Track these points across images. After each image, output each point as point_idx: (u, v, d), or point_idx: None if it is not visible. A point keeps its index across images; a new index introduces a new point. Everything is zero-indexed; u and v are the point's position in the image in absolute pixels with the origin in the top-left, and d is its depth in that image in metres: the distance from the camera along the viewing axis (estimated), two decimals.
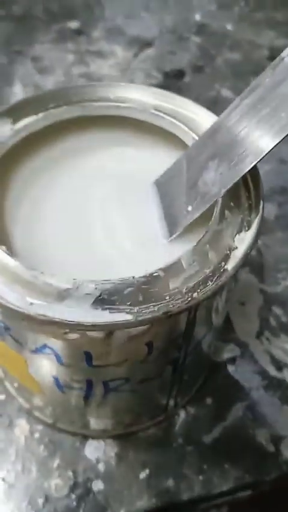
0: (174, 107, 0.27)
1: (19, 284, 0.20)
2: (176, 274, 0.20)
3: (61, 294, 0.19)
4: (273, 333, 0.36)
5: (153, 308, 0.19)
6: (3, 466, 0.32)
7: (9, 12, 0.67)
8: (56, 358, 0.22)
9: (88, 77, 0.58)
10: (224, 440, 0.32)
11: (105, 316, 0.19)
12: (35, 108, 0.27)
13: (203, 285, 0.20)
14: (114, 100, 0.28)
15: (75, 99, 0.28)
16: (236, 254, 0.21)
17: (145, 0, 0.70)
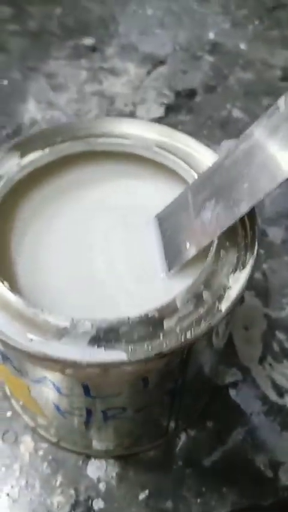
0: (176, 144, 0.29)
1: (20, 320, 0.21)
2: (171, 314, 0.21)
3: (59, 332, 0.21)
4: (275, 359, 0.37)
5: (147, 347, 0.20)
6: (7, 481, 0.33)
7: (25, 28, 0.69)
8: (55, 388, 0.23)
9: (100, 95, 0.59)
10: (223, 464, 0.33)
11: (101, 354, 0.20)
12: (41, 143, 0.29)
13: (196, 324, 0.21)
14: (118, 136, 0.29)
15: (80, 134, 0.30)
16: (230, 294, 0.22)
17: (160, 16, 0.72)
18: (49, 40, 0.67)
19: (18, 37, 0.67)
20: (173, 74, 0.63)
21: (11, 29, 0.68)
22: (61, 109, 0.57)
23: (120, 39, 0.67)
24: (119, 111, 0.57)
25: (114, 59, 0.64)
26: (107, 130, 0.30)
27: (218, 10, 0.73)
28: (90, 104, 0.58)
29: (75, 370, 0.21)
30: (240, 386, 0.36)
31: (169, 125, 0.54)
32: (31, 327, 0.21)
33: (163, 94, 0.60)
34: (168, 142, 0.29)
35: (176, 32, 0.69)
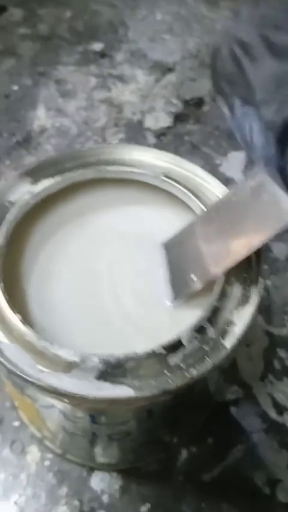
0: (184, 173, 0.30)
1: (32, 352, 0.22)
2: (176, 350, 0.22)
3: (69, 365, 0.22)
4: (276, 376, 0.39)
5: (153, 383, 0.21)
6: (15, 490, 0.34)
7: (35, 32, 0.70)
8: (62, 414, 0.25)
9: (109, 103, 0.60)
10: (222, 480, 0.34)
11: (108, 390, 0.21)
12: (52, 170, 0.30)
13: (201, 361, 0.22)
14: (127, 164, 0.30)
15: (91, 161, 0.31)
16: (234, 330, 0.23)
17: (169, 21, 0.72)
18: (59, 44, 0.68)
19: (28, 41, 0.68)
20: (181, 82, 0.63)
21: (22, 33, 0.69)
22: (70, 116, 0.58)
23: (129, 44, 0.68)
24: (127, 120, 0.58)
25: (123, 65, 0.65)
26: (117, 157, 0.31)
27: (228, 15, 0.74)
28: (98, 112, 0.59)
29: (82, 404, 0.22)
30: (240, 404, 0.37)
31: (176, 134, 0.56)
32: (42, 359, 0.22)
33: (171, 103, 0.61)
34: (176, 171, 0.30)
35: (184, 38, 0.70)
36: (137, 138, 0.56)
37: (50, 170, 0.30)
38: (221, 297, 0.24)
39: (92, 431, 0.26)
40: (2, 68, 0.64)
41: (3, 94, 0.60)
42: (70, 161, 0.30)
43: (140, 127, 0.58)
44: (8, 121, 0.57)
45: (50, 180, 0.29)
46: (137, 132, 0.57)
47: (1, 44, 0.67)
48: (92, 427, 0.26)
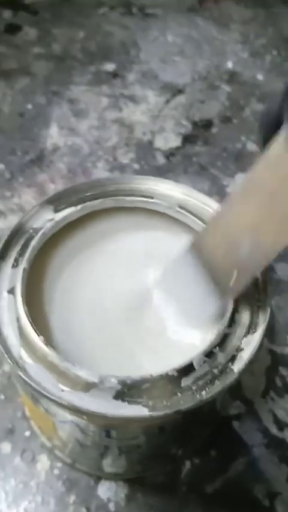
0: (197, 204, 0.32)
1: (54, 372, 0.24)
2: (188, 373, 0.24)
3: (88, 385, 0.24)
4: (277, 393, 0.41)
5: (166, 403, 0.23)
6: (25, 497, 0.36)
7: (49, 51, 0.73)
8: (79, 429, 0.27)
9: (120, 123, 0.63)
10: (224, 492, 0.36)
11: (125, 409, 0.23)
12: (74, 199, 0.32)
13: (211, 384, 0.24)
14: (144, 194, 0.32)
15: (110, 190, 0.33)
16: (242, 356, 0.25)
17: (180, 43, 0.75)
18: (72, 64, 0.71)
19: (43, 60, 0.71)
20: (190, 104, 0.66)
21: (36, 52, 0.72)
22: (82, 135, 0.61)
23: (141, 65, 0.71)
24: (138, 140, 0.61)
25: (134, 85, 0.68)
26: (134, 187, 0.33)
27: (238, 38, 0.77)
28: (110, 132, 0.62)
29: (100, 421, 0.24)
30: (243, 419, 0.39)
31: (185, 155, 0.58)
32: (63, 379, 0.24)
33: (181, 124, 0.63)
34: (189, 202, 0.32)
35: (195, 60, 0.72)
36: (147, 157, 0.59)
37: (71, 199, 0.32)
38: (231, 324, 0.26)
39: (104, 444, 0.29)
40: (16, 86, 0.67)
41: (17, 112, 0.63)
42: (90, 190, 0.33)
43: (150, 147, 0.60)
44: (22, 139, 0.60)
45: (71, 209, 0.32)
46: (147, 151, 0.60)
47: (16, 62, 0.70)
48: (105, 440, 0.28)
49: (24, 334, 0.26)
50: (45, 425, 0.32)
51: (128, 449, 0.29)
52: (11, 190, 0.55)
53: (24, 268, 0.28)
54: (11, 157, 0.58)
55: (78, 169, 0.57)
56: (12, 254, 0.30)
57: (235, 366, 0.25)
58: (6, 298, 0.28)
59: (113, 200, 0.32)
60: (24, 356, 0.25)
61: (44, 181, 0.56)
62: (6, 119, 0.62)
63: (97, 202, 0.32)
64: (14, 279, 0.29)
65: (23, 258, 0.29)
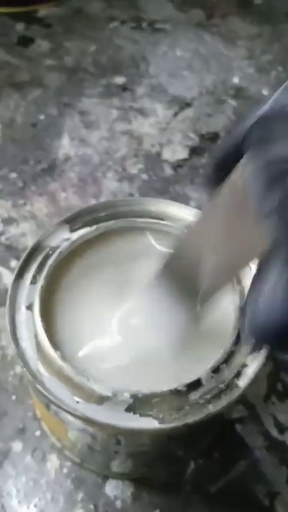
0: None
1: (69, 385, 0.26)
2: (196, 388, 0.26)
3: (102, 399, 0.26)
4: (279, 398, 0.42)
5: (175, 416, 0.25)
6: (36, 494, 0.38)
7: (61, 63, 0.75)
8: (91, 436, 0.29)
9: (130, 135, 0.65)
10: (226, 492, 0.38)
11: (135, 421, 0.25)
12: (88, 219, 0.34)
13: (217, 398, 0.26)
14: (154, 216, 0.34)
15: (123, 211, 0.35)
16: (247, 372, 0.27)
17: (188, 58, 0.77)
18: (83, 77, 0.73)
19: (55, 72, 0.73)
20: (198, 117, 0.68)
21: (48, 64, 0.75)
22: (93, 146, 0.63)
23: (150, 79, 0.73)
24: (146, 151, 0.63)
25: (143, 99, 0.70)
26: (145, 209, 0.35)
27: (244, 54, 0.79)
28: (119, 143, 0.64)
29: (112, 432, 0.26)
30: (245, 422, 0.41)
31: (192, 167, 0.60)
32: (78, 391, 0.26)
33: (188, 136, 0.65)
34: None
35: (202, 75, 0.75)
36: (155, 169, 0.61)
37: (86, 218, 0.34)
38: (237, 342, 0.28)
39: (114, 450, 0.30)
40: (29, 97, 0.69)
41: (30, 123, 0.65)
42: (103, 211, 0.35)
43: (158, 158, 0.62)
44: (35, 149, 0.62)
45: (86, 229, 0.33)
46: (155, 163, 0.62)
47: (29, 74, 0.73)
48: (115, 447, 0.30)
49: (41, 348, 0.28)
50: (56, 428, 0.34)
51: (136, 454, 0.31)
52: (24, 198, 0.57)
53: (41, 286, 0.30)
54: (24, 167, 0.60)
55: (89, 179, 0.59)
56: (30, 271, 0.32)
57: (240, 381, 0.27)
58: (24, 313, 0.30)
59: (125, 221, 0.34)
60: (41, 369, 0.27)
61: (55, 190, 0.58)
62: (19, 129, 0.64)
63: (111, 223, 0.34)
64: (32, 295, 0.30)
65: (40, 276, 0.31)
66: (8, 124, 0.65)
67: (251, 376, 0.27)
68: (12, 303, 0.30)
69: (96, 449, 0.32)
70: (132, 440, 0.29)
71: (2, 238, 0.52)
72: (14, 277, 0.31)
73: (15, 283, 0.31)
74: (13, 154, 0.61)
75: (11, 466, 0.39)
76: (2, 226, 0.53)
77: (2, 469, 0.39)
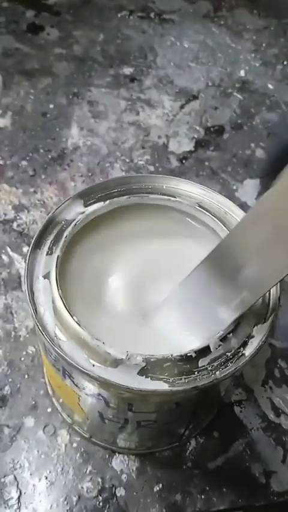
0: (215, 203, 0.36)
1: (86, 349, 0.28)
2: (205, 355, 0.29)
3: (116, 361, 0.28)
4: (276, 383, 0.45)
5: (184, 380, 0.28)
6: (46, 467, 0.41)
7: (70, 52, 0.77)
8: (104, 401, 0.31)
9: (137, 126, 0.67)
10: (224, 469, 0.41)
11: (148, 384, 0.27)
12: (102, 195, 0.36)
13: (225, 365, 0.28)
14: (166, 193, 0.36)
15: (135, 188, 0.37)
16: (253, 342, 0.30)
17: (195, 50, 0.79)
18: (92, 66, 0.75)
19: (64, 61, 0.75)
20: (204, 110, 0.70)
21: (58, 52, 0.76)
22: (101, 136, 0.65)
23: (157, 70, 0.75)
24: (153, 143, 0.65)
25: (151, 90, 0.72)
26: (157, 186, 0.37)
27: (250, 47, 0.81)
28: (127, 134, 0.66)
29: (125, 393, 0.28)
30: (244, 405, 0.44)
31: (197, 159, 0.63)
32: (94, 355, 0.28)
33: (194, 129, 0.68)
34: (209, 201, 0.36)
35: (209, 67, 0.76)
36: (161, 160, 0.63)
37: (99, 194, 0.36)
38: (244, 314, 0.30)
39: (125, 418, 0.33)
40: (39, 86, 0.71)
41: (40, 112, 0.67)
42: (116, 187, 0.37)
43: (164, 150, 0.65)
44: (45, 138, 0.64)
45: (99, 204, 0.35)
46: (161, 154, 0.64)
47: (38, 62, 0.74)
48: (126, 413, 0.32)
49: (58, 314, 0.30)
50: (70, 400, 0.37)
51: (145, 423, 0.33)
52: (34, 186, 0.59)
53: (58, 256, 0.32)
54: (34, 155, 0.62)
55: (97, 169, 0.61)
56: (46, 243, 0.34)
57: (246, 351, 0.29)
58: (42, 282, 0.32)
59: (137, 197, 0.36)
60: (58, 334, 0.29)
61: (64, 179, 0.60)
62: (29, 118, 0.66)
63: (123, 198, 0.36)
64: (49, 265, 0.32)
65: (56, 247, 0.33)
66: (18, 112, 0.67)
67: (256, 346, 0.29)
68: (30, 272, 0.32)
69: (108, 417, 0.34)
70: (143, 405, 0.31)
71: (14, 224, 0.55)
72: (30, 249, 0.33)
73: (33, 254, 0.33)
74: (23, 142, 0.63)
75: (23, 441, 0.42)
76: (13, 213, 0.56)
77: (15, 443, 0.41)
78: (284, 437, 0.43)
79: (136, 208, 0.37)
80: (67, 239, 0.34)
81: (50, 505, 0.39)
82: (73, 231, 0.34)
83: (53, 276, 0.32)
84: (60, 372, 0.33)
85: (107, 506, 0.40)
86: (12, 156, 0.62)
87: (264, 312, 0.31)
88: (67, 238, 0.34)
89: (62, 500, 0.40)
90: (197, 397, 0.31)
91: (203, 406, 0.36)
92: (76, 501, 0.40)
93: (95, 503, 0.40)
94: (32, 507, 0.39)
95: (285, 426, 0.43)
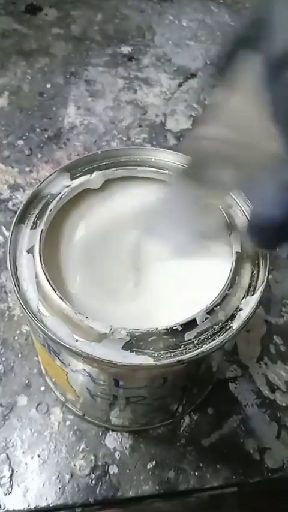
0: None
1: (69, 324, 0.27)
2: (191, 328, 0.27)
3: (100, 336, 0.26)
4: (271, 359, 0.43)
5: (170, 354, 0.26)
6: (39, 445, 0.39)
7: (68, 32, 0.74)
8: (90, 378, 0.29)
9: (135, 104, 0.64)
10: (218, 445, 0.39)
11: (132, 358, 0.26)
12: (89, 168, 0.34)
13: (211, 338, 0.27)
14: (153, 165, 0.34)
15: (122, 161, 0.35)
16: (241, 315, 0.28)
17: (194, 28, 0.76)
18: (89, 46, 0.72)
19: (61, 41, 0.72)
20: (201, 88, 0.67)
21: (56, 32, 0.73)
22: (98, 115, 0.63)
23: (155, 49, 0.72)
24: (151, 121, 0.63)
25: (149, 68, 0.69)
26: (145, 159, 0.35)
27: None
28: (124, 113, 0.63)
29: (110, 368, 0.27)
30: (238, 381, 0.42)
31: None
32: (77, 330, 0.27)
33: (192, 106, 0.65)
34: None
35: (208, 45, 0.73)
36: (158, 138, 0.61)
37: (86, 167, 0.34)
38: (231, 286, 0.28)
39: (113, 394, 0.31)
40: (36, 66, 0.69)
41: (37, 91, 0.65)
42: (104, 160, 0.35)
43: (162, 128, 0.62)
44: (41, 117, 0.62)
45: (86, 177, 0.33)
46: (158, 132, 0.61)
47: (36, 42, 0.72)
48: (114, 390, 0.30)
49: (41, 289, 0.28)
50: (59, 378, 0.35)
51: (134, 399, 0.31)
52: (30, 165, 0.57)
53: (42, 230, 0.30)
54: (31, 135, 0.60)
55: (94, 148, 0.59)
56: (31, 217, 0.32)
57: (234, 324, 0.27)
58: (25, 256, 0.30)
59: (125, 170, 0.34)
60: (42, 309, 0.28)
61: (60, 158, 0.58)
62: (26, 98, 0.64)
63: (110, 171, 0.34)
64: (33, 239, 0.31)
65: (41, 221, 0.31)
66: (15, 92, 0.64)
67: (244, 319, 0.27)
68: (13, 247, 0.31)
69: (97, 394, 0.32)
70: (130, 381, 0.29)
71: (9, 204, 0.53)
72: (14, 223, 0.31)
73: (16, 228, 0.31)
74: (20, 122, 0.61)
75: (16, 419, 0.40)
76: (9, 193, 0.54)
77: (8, 422, 0.40)
78: (278, 413, 0.41)
79: (124, 181, 0.35)
80: (52, 213, 0.32)
81: (42, 483, 0.38)
82: (58, 205, 0.33)
83: (37, 250, 0.30)
84: (46, 349, 0.31)
85: (100, 483, 0.38)
86: (8, 135, 0.60)
87: (253, 284, 0.29)
88: (52, 212, 0.32)
89: (54, 479, 0.38)
90: (185, 372, 0.29)
91: (194, 382, 0.34)
92: (68, 479, 0.38)
93: (87, 481, 0.38)
94: (24, 485, 0.37)
95: (280, 402, 0.41)
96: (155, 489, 0.38)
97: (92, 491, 0.38)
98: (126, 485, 0.38)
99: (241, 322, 0.27)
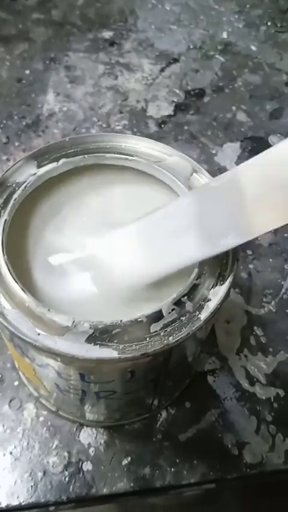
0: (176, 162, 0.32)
1: (31, 317, 0.25)
2: (157, 320, 0.25)
3: (62, 329, 0.24)
4: (251, 351, 0.41)
5: (135, 347, 0.24)
6: (11, 442, 0.38)
7: (48, 17, 0.71)
8: (56, 373, 0.28)
9: (115, 90, 0.62)
10: (196, 440, 0.38)
11: (96, 351, 0.24)
12: (56, 155, 0.32)
13: (178, 330, 0.25)
14: (124, 152, 0.32)
15: (91, 148, 0.33)
16: (209, 305, 0.26)
17: (177, 12, 0.73)
18: (70, 31, 0.69)
19: (41, 26, 0.70)
20: (184, 73, 0.65)
21: (35, 17, 0.71)
22: (77, 102, 0.60)
23: (138, 34, 0.69)
24: (131, 107, 0.60)
25: (130, 53, 0.67)
26: (115, 145, 0.33)
27: (234, 8, 0.75)
28: (104, 99, 0.61)
29: (73, 363, 0.25)
30: (217, 374, 0.40)
31: (176, 123, 0.58)
32: (39, 324, 0.25)
33: (174, 92, 0.62)
34: (167, 160, 0.32)
35: (191, 30, 0.71)
36: (139, 125, 0.58)
37: (54, 154, 0.32)
38: (200, 276, 0.26)
39: (82, 389, 0.29)
40: (15, 52, 0.66)
41: (15, 78, 0.62)
42: (72, 147, 0.32)
43: (143, 114, 0.60)
44: (19, 104, 0.59)
45: (53, 164, 0.31)
46: (139, 119, 0.59)
47: (15, 28, 0.69)
48: (82, 384, 0.28)
49: (4, 281, 0.26)
50: (29, 374, 0.33)
51: (104, 394, 0.30)
52: (7, 154, 0.54)
53: (5, 220, 0.28)
54: (8, 122, 0.57)
55: (73, 135, 0.57)
56: None
57: (202, 315, 0.25)
58: None
59: (93, 157, 0.32)
60: (3, 302, 0.26)
61: (38, 146, 0.55)
62: (4, 84, 0.61)
63: (78, 158, 0.32)
64: None
65: (5, 211, 0.29)
66: None
67: (212, 310, 0.25)
68: None
69: (66, 389, 0.31)
70: (97, 375, 0.27)
71: None
72: None
73: None
74: None
75: None
76: None
77: None
78: (258, 406, 0.39)
79: (92, 168, 0.33)
80: (16, 202, 0.30)
81: (14, 480, 0.36)
82: (23, 194, 0.30)
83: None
84: (12, 344, 0.29)
85: (73, 481, 0.36)
86: None
87: (223, 273, 0.27)
88: (16, 201, 0.30)
89: (26, 476, 0.36)
90: (153, 365, 0.28)
91: (167, 375, 0.32)
92: (41, 476, 0.36)
93: (60, 479, 0.36)
94: None
95: (260, 395, 0.39)
96: (129, 486, 0.36)
97: (65, 489, 0.36)
98: (100, 483, 0.36)
99: (209, 313, 0.25)
